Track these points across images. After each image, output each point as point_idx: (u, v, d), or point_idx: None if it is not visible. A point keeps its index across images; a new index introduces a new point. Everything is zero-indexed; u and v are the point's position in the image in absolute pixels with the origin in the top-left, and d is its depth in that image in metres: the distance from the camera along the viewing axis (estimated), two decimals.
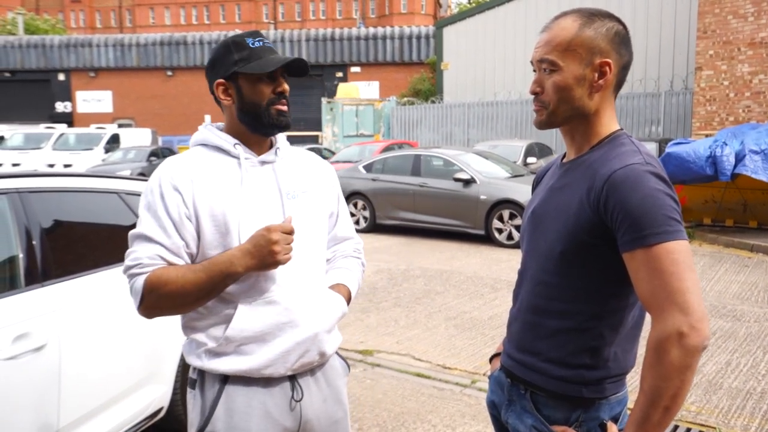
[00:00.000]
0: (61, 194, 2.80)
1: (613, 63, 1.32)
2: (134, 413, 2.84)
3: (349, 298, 1.67)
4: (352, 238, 1.78)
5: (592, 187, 1.27)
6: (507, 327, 1.52)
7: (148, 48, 33.51)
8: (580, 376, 1.33)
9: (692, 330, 1.15)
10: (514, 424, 1.43)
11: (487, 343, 4.83)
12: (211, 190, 1.48)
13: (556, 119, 1.37)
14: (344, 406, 1.67)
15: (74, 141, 21.14)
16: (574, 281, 1.32)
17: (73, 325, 2.48)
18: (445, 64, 21.96)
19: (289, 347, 1.50)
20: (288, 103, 1.57)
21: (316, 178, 1.66)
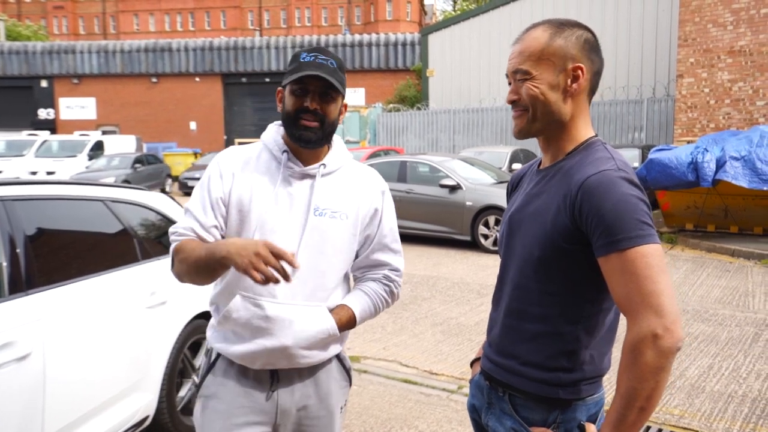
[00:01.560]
0: (46, 202, 2.78)
1: (585, 68, 1.37)
2: (120, 422, 2.82)
3: (349, 319, 1.67)
4: (388, 264, 1.76)
5: (568, 193, 1.30)
6: (487, 331, 1.55)
7: (133, 54, 33.30)
8: (557, 378, 1.36)
9: (666, 332, 1.18)
10: (494, 426, 1.46)
11: (474, 348, 4.85)
12: (246, 185, 1.62)
13: (535, 126, 1.39)
14: (330, 407, 1.72)
15: (57, 148, 20.94)
16: (551, 286, 1.35)
17: (57, 333, 2.46)
18: (430, 71, 22.07)
19: (258, 351, 1.59)
20: (319, 120, 1.60)
21: (357, 200, 1.69)
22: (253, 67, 32.75)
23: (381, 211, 1.73)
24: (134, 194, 3.41)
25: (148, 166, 19.34)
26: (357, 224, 1.68)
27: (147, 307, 3.04)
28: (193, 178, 19.13)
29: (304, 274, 1.58)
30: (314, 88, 1.60)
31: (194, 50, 33.12)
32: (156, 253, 3.31)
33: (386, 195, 1.76)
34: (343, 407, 1.81)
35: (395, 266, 1.77)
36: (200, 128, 33.34)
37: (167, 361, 3.16)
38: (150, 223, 3.46)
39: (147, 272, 3.15)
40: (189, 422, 3.35)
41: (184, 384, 3.37)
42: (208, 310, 3.50)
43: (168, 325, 3.18)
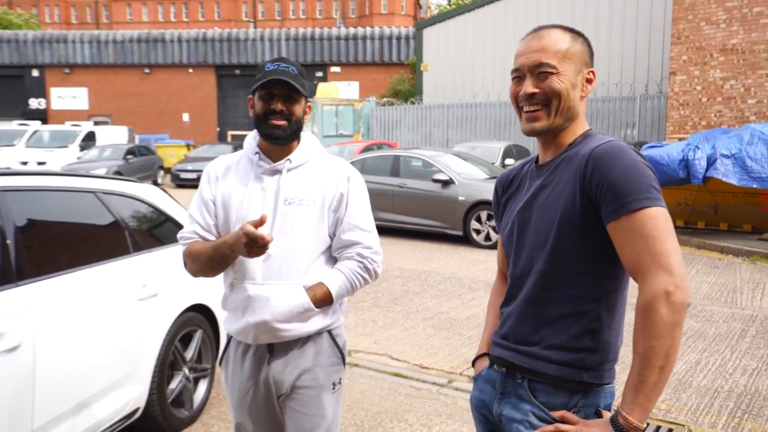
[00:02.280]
0: (36, 193, 2.77)
1: (595, 73, 1.47)
2: (110, 413, 2.83)
3: (324, 295, 1.85)
4: (359, 242, 1.90)
5: (579, 167, 1.35)
6: (500, 323, 1.56)
7: (125, 45, 33.06)
8: (581, 360, 1.38)
9: (677, 288, 1.22)
10: (509, 414, 1.45)
11: (464, 343, 4.88)
12: (228, 187, 1.89)
13: (555, 122, 1.43)
14: (319, 381, 1.90)
15: (48, 138, 20.80)
16: (569, 267, 1.38)
17: (48, 325, 2.46)
18: (424, 65, 22.05)
19: (245, 326, 1.85)
20: (286, 119, 1.84)
21: (322, 188, 1.88)
22: (247, 59, 32.58)
23: (347, 194, 1.90)
24: (126, 186, 3.40)
25: (140, 157, 19.24)
26: (324, 209, 1.87)
27: (138, 299, 3.04)
28: (185, 170, 19.06)
29: (278, 256, 1.82)
30: (279, 91, 1.83)
31: (187, 41, 32.91)
32: (148, 246, 3.31)
33: (353, 180, 1.92)
34: (337, 385, 1.94)
35: (367, 244, 1.92)
36: (193, 120, 33.18)
37: (158, 353, 3.16)
38: (142, 215, 3.46)
39: (138, 264, 3.15)
40: (179, 414, 3.36)
41: (174, 376, 3.37)
42: (199, 302, 3.51)
43: (159, 317, 3.18)
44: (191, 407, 3.47)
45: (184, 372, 3.43)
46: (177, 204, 3.79)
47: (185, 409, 3.42)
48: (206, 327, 3.62)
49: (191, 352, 3.50)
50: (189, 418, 3.43)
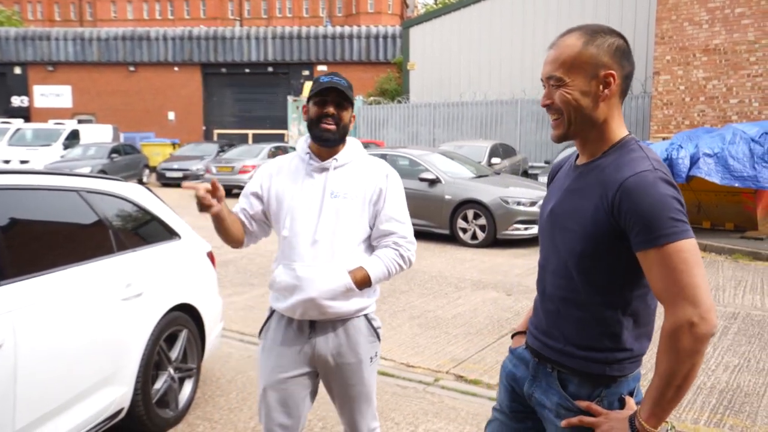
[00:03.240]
0: (19, 192, 2.74)
1: (616, 74, 1.44)
2: (93, 414, 2.80)
3: (363, 277, 2.10)
4: (395, 232, 2.17)
5: (606, 193, 1.40)
6: (533, 311, 1.67)
7: (110, 42, 32.74)
8: (604, 357, 1.47)
9: (702, 320, 1.29)
10: (540, 398, 1.58)
11: (451, 341, 4.90)
12: (281, 183, 2.19)
13: (571, 130, 1.49)
14: (359, 355, 2.16)
15: (31, 136, 20.55)
16: (592, 276, 1.46)
17: (30, 325, 2.43)
18: (411, 64, 22.07)
19: (294, 303, 2.09)
20: (336, 123, 2.11)
21: (364, 184, 2.15)
22: (233, 57, 32.41)
23: (385, 190, 2.17)
24: (110, 185, 3.37)
25: (125, 156, 19.07)
26: (365, 202, 2.14)
27: (122, 299, 3.02)
28: (171, 168, 18.92)
29: (324, 242, 2.09)
30: (332, 98, 2.11)
31: (173, 39, 32.66)
32: (132, 245, 3.29)
33: (390, 178, 2.20)
34: (374, 358, 2.22)
35: (402, 234, 2.18)
36: (179, 118, 32.94)
37: (143, 353, 3.14)
38: (126, 214, 3.43)
39: (122, 264, 3.12)
40: (164, 414, 3.34)
41: (159, 376, 3.35)
42: (184, 302, 3.50)
43: (143, 317, 3.16)
44: (176, 407, 3.45)
45: (169, 372, 3.40)
46: (162, 203, 3.77)
47: (170, 409, 3.40)
48: (192, 327, 3.60)
49: (176, 352, 3.48)
50: (174, 418, 3.41)
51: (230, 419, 3.52)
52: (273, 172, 2.23)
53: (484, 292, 6.43)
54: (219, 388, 3.95)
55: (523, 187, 9.58)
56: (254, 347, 4.75)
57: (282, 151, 18.17)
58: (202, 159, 19.09)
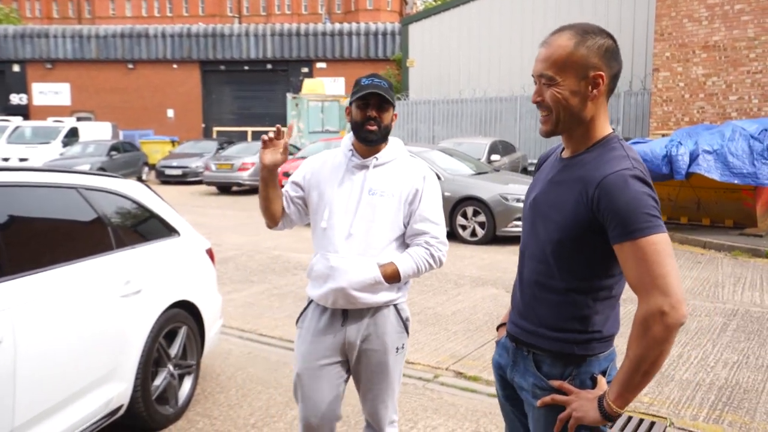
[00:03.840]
0: (17, 189, 2.74)
1: (605, 75, 1.51)
2: (93, 411, 2.80)
3: (393, 272, 2.20)
4: (427, 232, 2.25)
5: (586, 189, 1.48)
6: (511, 298, 1.78)
7: (108, 40, 32.68)
8: (572, 338, 1.57)
9: (672, 309, 1.37)
10: (519, 381, 1.68)
11: (450, 338, 4.90)
12: (323, 176, 2.30)
13: (559, 127, 1.56)
14: (386, 345, 2.27)
15: (30, 134, 20.50)
16: (567, 263, 1.55)
17: (29, 322, 2.43)
18: (410, 61, 22.03)
19: (326, 292, 2.22)
20: (378, 125, 2.21)
21: (401, 183, 2.25)
22: (232, 54, 32.36)
23: (421, 191, 2.26)
24: (109, 182, 3.37)
25: (124, 153, 19.05)
26: (401, 201, 2.23)
27: (121, 295, 3.02)
28: (170, 166, 18.90)
29: (358, 236, 2.20)
30: (374, 102, 2.20)
31: (172, 36, 32.61)
32: (131, 242, 3.28)
33: (428, 179, 2.28)
34: (400, 349, 2.31)
35: (434, 234, 2.26)
36: (178, 116, 32.91)
37: (142, 350, 3.14)
38: (125, 211, 3.43)
39: (121, 261, 3.12)
40: (164, 411, 3.34)
41: (159, 373, 3.35)
42: (184, 299, 3.50)
43: (143, 314, 3.16)
44: (176, 404, 3.45)
45: (168, 369, 3.41)
46: (161, 200, 3.76)
47: (170, 405, 3.40)
48: (191, 323, 3.60)
49: (176, 349, 3.48)
50: (174, 414, 3.41)
51: (230, 416, 3.52)
52: (317, 166, 2.35)
53: (483, 289, 6.43)
54: (219, 385, 3.96)
55: (523, 184, 9.57)
56: (253, 344, 4.75)
57: None
58: (202, 156, 19.06)
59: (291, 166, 14.39)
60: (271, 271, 7.27)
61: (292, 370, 4.10)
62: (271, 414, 3.55)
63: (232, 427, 3.39)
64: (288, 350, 4.61)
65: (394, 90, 2.28)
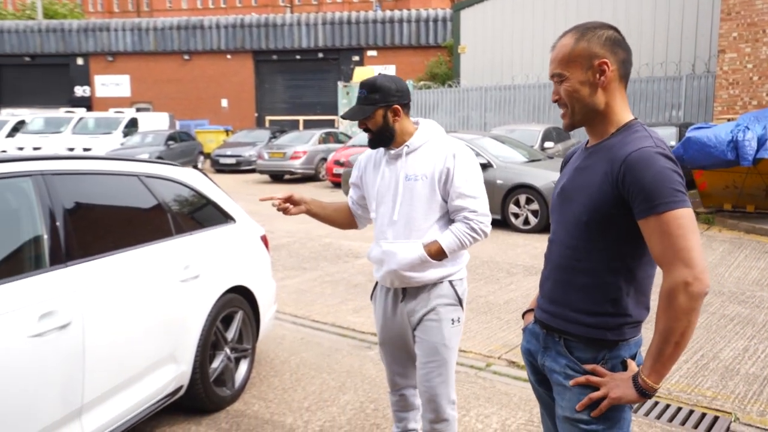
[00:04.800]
0: (83, 176, 2.84)
1: (609, 61, 1.60)
2: (155, 390, 2.90)
3: (437, 249, 2.33)
4: (465, 207, 2.34)
5: (612, 168, 1.54)
6: (540, 286, 1.81)
7: (165, 32, 33.54)
8: (604, 322, 1.61)
9: (696, 280, 1.43)
10: (550, 365, 1.72)
11: (502, 327, 4.84)
12: (369, 171, 2.52)
13: (576, 119, 1.66)
14: (440, 314, 2.39)
15: (93, 125, 21.29)
16: (596, 244, 1.60)
17: (95, 304, 2.53)
18: (462, 47, 21.75)
19: (384, 274, 2.43)
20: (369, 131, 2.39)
21: (433, 165, 2.34)
22: (284, 44, 32.70)
23: (453, 168, 2.33)
24: (168, 170, 3.46)
25: (180, 143, 19.57)
26: (434, 182, 2.34)
27: (180, 280, 3.10)
28: (224, 155, 19.32)
29: (401, 221, 2.36)
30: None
31: (225, 27, 33.19)
32: (189, 228, 3.37)
33: (458, 156, 2.34)
34: (456, 322, 2.42)
35: (472, 208, 2.35)
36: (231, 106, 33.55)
37: (200, 333, 3.23)
38: (184, 198, 3.52)
39: (181, 246, 3.21)
40: (222, 393, 3.43)
41: (216, 356, 3.44)
42: (239, 284, 3.57)
43: (201, 298, 3.25)
44: (233, 386, 3.54)
45: (225, 352, 3.49)
46: (218, 187, 3.84)
47: (227, 388, 3.49)
48: (247, 308, 3.68)
49: (232, 333, 3.56)
50: (231, 396, 3.50)
51: (284, 399, 3.59)
52: (363, 163, 2.57)
53: (536, 278, 6.32)
54: (273, 369, 4.03)
55: None
56: (306, 330, 4.82)
57: (332, 137, 18.28)
58: (255, 145, 19.40)
59: (341, 154, 14.51)
60: (323, 259, 7.34)
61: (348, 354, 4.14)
62: (324, 398, 3.60)
63: (286, 410, 3.45)
64: (340, 336, 4.66)
65: (377, 88, 2.34)
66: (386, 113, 2.36)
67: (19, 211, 2.47)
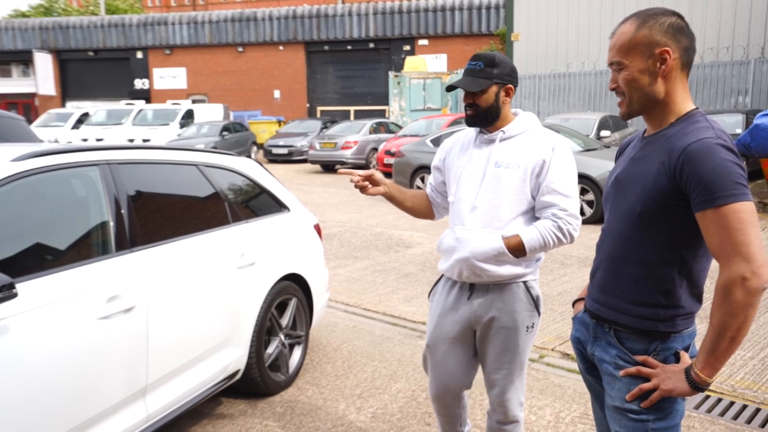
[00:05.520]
0: (146, 166, 2.94)
1: (671, 50, 1.54)
2: (214, 373, 2.99)
3: (517, 244, 2.16)
4: (555, 204, 2.17)
5: (669, 158, 1.51)
6: (591, 275, 1.78)
7: (220, 25, 34.22)
8: (656, 314, 1.59)
9: (753, 275, 1.40)
10: (600, 355, 1.70)
11: (556, 318, 4.77)
12: (454, 153, 2.37)
13: (634, 108, 1.62)
14: (516, 321, 2.24)
15: (152, 117, 21.99)
16: (650, 235, 1.58)
17: (158, 289, 2.62)
18: (515, 35, 21.35)
19: (453, 263, 2.24)
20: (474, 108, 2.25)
21: (528, 155, 2.20)
22: (335, 34, 32.87)
23: (549, 161, 2.18)
24: (226, 159, 3.54)
25: (234, 133, 19.98)
26: (527, 173, 2.18)
27: (237, 267, 3.18)
28: (277, 145, 19.62)
29: (483, 208, 2.20)
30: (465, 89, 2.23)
31: (278, 19, 33.60)
32: (245, 216, 3.44)
33: (557, 150, 2.20)
34: (530, 328, 2.27)
35: (563, 206, 2.17)
36: (284, 96, 34.01)
37: (256, 318, 3.30)
38: (239, 187, 3.59)
39: (237, 234, 3.28)
40: (276, 378, 3.50)
41: (271, 341, 3.51)
42: (294, 272, 3.63)
43: (257, 284, 3.32)
44: (287, 372, 3.61)
45: (280, 338, 3.56)
46: (272, 177, 3.91)
47: (281, 373, 3.57)
48: (300, 296, 3.74)
49: (287, 319, 3.63)
50: (285, 382, 3.57)
51: (337, 385, 3.64)
52: (450, 145, 2.43)
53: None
54: (326, 356, 4.09)
55: None
56: (358, 318, 4.86)
57: (383, 127, 18.30)
58: (306, 136, 19.62)
59: (392, 144, 14.49)
60: (374, 248, 7.38)
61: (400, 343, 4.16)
62: (377, 386, 3.63)
63: (339, 396, 3.50)
64: (391, 325, 4.68)
65: (497, 63, 2.21)
66: (499, 91, 2.22)
67: (87, 198, 2.58)
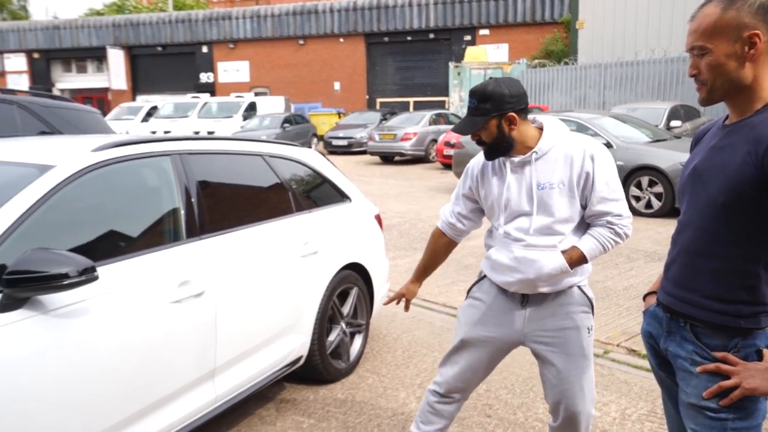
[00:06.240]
0: (214, 156, 3.03)
1: (761, 32, 1.44)
2: (278, 359, 3.07)
3: (579, 257, 2.15)
4: (608, 212, 2.15)
5: (757, 148, 1.42)
6: (665, 268, 1.71)
7: (282, 18, 34.78)
8: (737, 310, 1.51)
9: None
10: (675, 350, 1.64)
11: (621, 314, 4.63)
12: (488, 181, 2.27)
13: (716, 94, 1.52)
14: (575, 321, 2.21)
15: (216, 109, 22.63)
16: (733, 228, 1.49)
17: (225, 275, 2.71)
18: (580, 22, 20.75)
19: (512, 281, 2.20)
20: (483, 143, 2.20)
21: (569, 170, 2.14)
22: (395, 26, 32.84)
23: (592, 172, 2.13)
24: (290, 150, 3.61)
25: (295, 125, 20.33)
26: (573, 188, 2.14)
27: (301, 255, 3.24)
28: (337, 137, 19.84)
29: (540, 230, 2.15)
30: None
31: (338, 11, 33.86)
32: (308, 206, 3.50)
33: (597, 158, 2.14)
34: (590, 330, 2.25)
35: (616, 212, 2.15)
36: (343, 88, 34.29)
37: (318, 306, 3.36)
38: (302, 177, 3.66)
39: (300, 223, 3.35)
40: (338, 365, 3.56)
41: (333, 329, 3.57)
42: (355, 261, 3.67)
43: (319, 273, 3.37)
44: (348, 359, 3.66)
45: (341, 326, 3.61)
46: (334, 167, 3.95)
47: (342, 360, 3.62)
48: (361, 285, 3.77)
49: (348, 308, 3.68)
50: (346, 369, 3.62)
51: (397, 374, 3.66)
52: (477, 172, 2.33)
53: (658, 265, 5.96)
54: (386, 345, 4.12)
55: None
56: (418, 309, 4.87)
57: (443, 118, 18.20)
58: (366, 127, 19.74)
59: (452, 135, 14.38)
60: None
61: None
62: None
63: (399, 385, 3.52)
64: (451, 316, 4.66)
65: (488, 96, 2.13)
66: (500, 122, 2.15)
67: (160, 187, 2.68)
